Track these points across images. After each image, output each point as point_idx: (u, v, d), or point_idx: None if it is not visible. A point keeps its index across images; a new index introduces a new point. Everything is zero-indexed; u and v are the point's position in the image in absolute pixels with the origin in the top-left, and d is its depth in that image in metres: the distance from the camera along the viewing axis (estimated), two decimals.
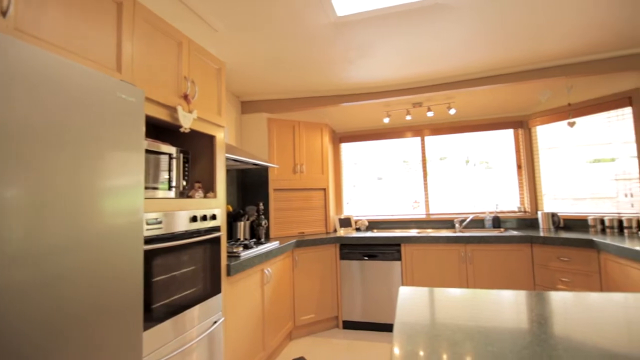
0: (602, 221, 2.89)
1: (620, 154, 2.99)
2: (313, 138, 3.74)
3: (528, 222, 3.53)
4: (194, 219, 1.76)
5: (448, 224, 3.71)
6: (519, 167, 3.68)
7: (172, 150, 1.77)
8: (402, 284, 3.14)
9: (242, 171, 3.55)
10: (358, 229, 3.86)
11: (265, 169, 3.47)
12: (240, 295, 2.23)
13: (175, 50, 1.75)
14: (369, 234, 3.49)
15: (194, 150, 2.09)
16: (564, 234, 2.84)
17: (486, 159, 3.91)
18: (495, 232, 3.20)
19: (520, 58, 2.78)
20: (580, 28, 2.34)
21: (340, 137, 4.24)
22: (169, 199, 1.64)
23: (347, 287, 3.31)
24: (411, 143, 4.07)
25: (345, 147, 4.29)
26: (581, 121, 3.22)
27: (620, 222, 2.78)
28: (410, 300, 1.21)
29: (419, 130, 4.00)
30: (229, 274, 2.04)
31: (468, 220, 3.54)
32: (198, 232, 1.81)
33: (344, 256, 3.34)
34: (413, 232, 3.45)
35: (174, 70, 1.73)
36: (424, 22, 2.21)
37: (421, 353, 0.81)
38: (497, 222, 3.48)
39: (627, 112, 2.91)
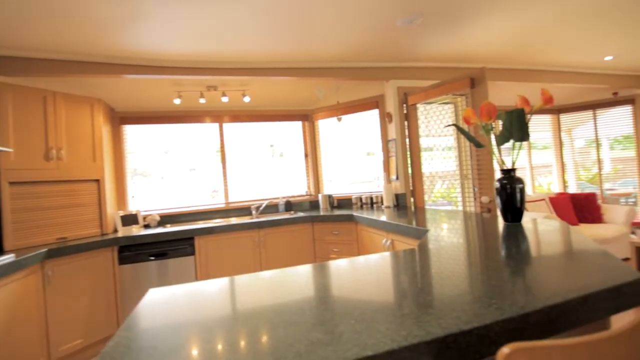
0: (361, 199, 3.62)
1: (375, 147, 3.82)
2: (79, 115, 2.94)
3: (314, 204, 4.04)
4: None
5: (246, 211, 3.77)
6: (306, 155, 4.15)
7: None
8: (197, 279, 2.94)
9: None
10: (147, 226, 3.35)
11: None
12: None
13: None
14: (158, 230, 3.08)
15: None
16: (337, 212, 3.39)
17: (282, 148, 4.20)
18: (286, 215, 3.47)
19: (301, 54, 3.05)
20: (345, 40, 2.76)
21: (121, 117, 3.53)
22: None
23: (129, 296, 2.81)
24: (221, 131, 3.87)
25: (133, 131, 3.62)
26: (349, 118, 3.91)
27: (371, 199, 3.56)
28: (154, 305, 1.04)
29: (218, 116, 3.84)
30: None
31: (263, 206, 3.71)
32: None
33: (124, 260, 2.81)
34: (212, 223, 3.30)
35: None
36: None
37: None
38: (289, 205, 3.81)
39: (376, 112, 3.73)
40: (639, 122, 4.79)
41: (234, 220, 3.38)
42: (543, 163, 5.47)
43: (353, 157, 3.96)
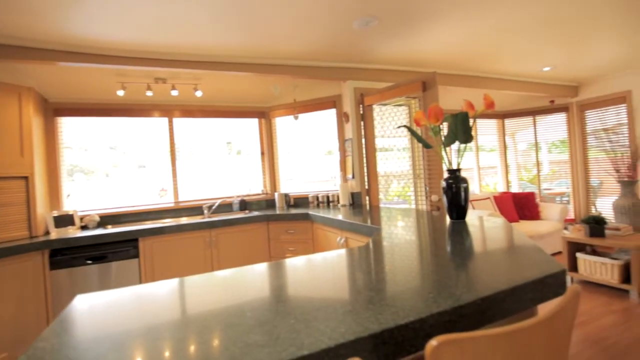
0: (317, 198, 3.62)
1: (334, 147, 3.83)
2: (5, 105, 2.63)
3: (270, 203, 3.97)
4: None
5: (198, 210, 3.61)
6: (263, 153, 4.06)
7: None
8: (141, 283, 2.75)
9: None
10: (85, 227, 3.08)
11: None
12: None
13: None
14: (98, 231, 2.84)
15: None
16: (293, 211, 3.35)
17: (240, 146, 4.08)
18: (240, 215, 3.37)
19: (257, 50, 2.97)
20: (302, 38, 2.73)
21: (55, 109, 3.21)
22: None
23: (64, 304, 2.56)
24: (171, 126, 3.66)
25: (71, 124, 3.31)
26: (308, 116, 3.89)
27: (328, 197, 3.57)
28: (81, 313, 0.94)
29: (168, 110, 3.64)
30: None
31: (215, 205, 3.57)
32: None
33: (57, 264, 2.55)
34: (159, 224, 3.11)
35: None
36: None
37: None
38: (243, 205, 3.70)
39: (334, 112, 3.75)
40: (572, 128, 5.28)
41: (184, 220, 3.21)
42: (490, 164, 5.85)
43: (312, 155, 3.95)
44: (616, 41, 3.41)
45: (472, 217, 2.00)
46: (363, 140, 3.51)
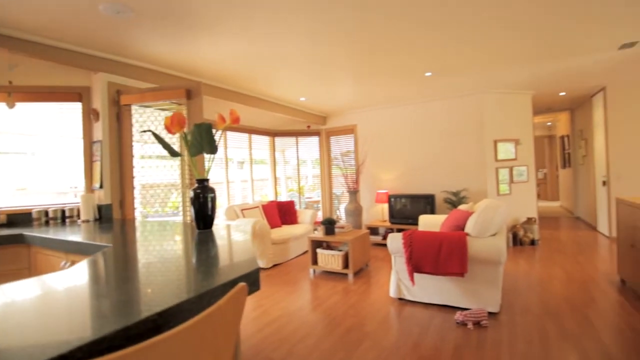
0: (46, 213, 2.82)
1: (74, 147, 3.10)
2: None
3: None
4: None
5: None
6: None
7: None
8: None
9: None
10: None
11: None
12: None
13: None
14: None
15: None
16: (4, 232, 2.45)
17: None
18: None
19: None
20: (32, 5, 2.06)
21: None
22: None
23: None
24: None
25: None
26: (31, 107, 2.99)
27: (63, 212, 2.85)
28: None
29: None
30: None
31: None
32: None
33: None
34: None
35: None
36: None
37: None
38: None
39: (78, 106, 3.07)
40: (322, 149, 6.62)
41: None
42: (265, 177, 6.47)
43: (59, 159, 3.06)
44: (348, 85, 4.55)
45: (221, 226, 2.06)
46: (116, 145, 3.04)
